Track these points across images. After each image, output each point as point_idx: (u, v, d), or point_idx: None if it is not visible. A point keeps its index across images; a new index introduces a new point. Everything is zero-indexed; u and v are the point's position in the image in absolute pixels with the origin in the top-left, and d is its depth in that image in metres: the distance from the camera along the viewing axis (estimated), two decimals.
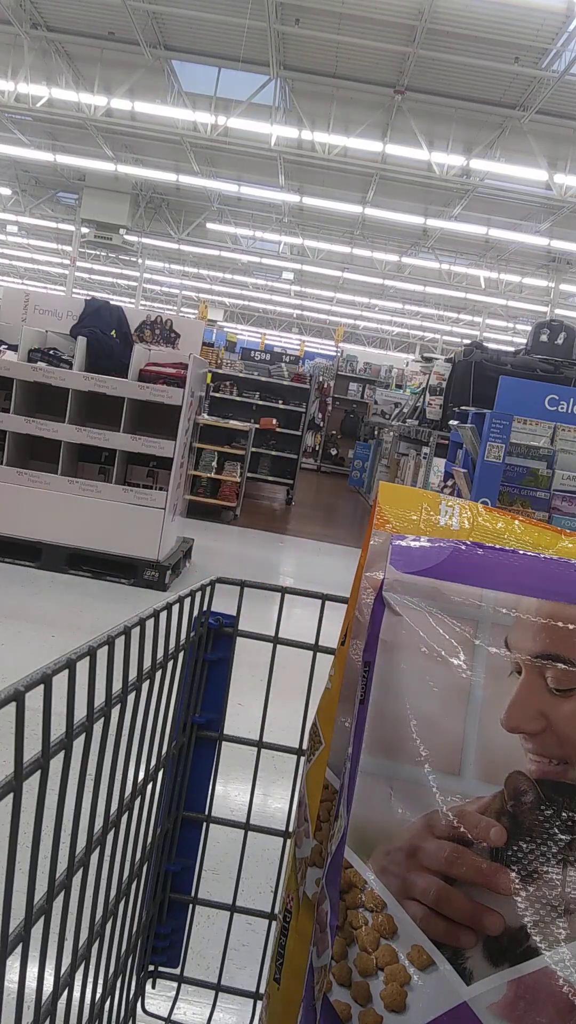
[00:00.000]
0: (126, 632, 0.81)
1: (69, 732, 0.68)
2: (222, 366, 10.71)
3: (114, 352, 5.08)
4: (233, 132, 12.12)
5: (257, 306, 29.03)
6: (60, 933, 0.74)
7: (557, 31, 8.94)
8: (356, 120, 11.70)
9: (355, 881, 0.62)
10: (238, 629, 1.10)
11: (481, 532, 0.72)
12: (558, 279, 17.42)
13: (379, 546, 0.70)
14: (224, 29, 10.15)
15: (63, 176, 16.88)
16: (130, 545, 4.78)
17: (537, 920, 0.57)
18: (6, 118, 13.66)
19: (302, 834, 0.81)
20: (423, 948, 0.59)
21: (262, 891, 1.88)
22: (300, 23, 9.59)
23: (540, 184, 12.26)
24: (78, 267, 20.11)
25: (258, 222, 18.25)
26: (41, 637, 3.67)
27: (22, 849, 1.55)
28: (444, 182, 12.40)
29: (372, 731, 0.62)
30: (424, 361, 10.38)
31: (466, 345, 7.92)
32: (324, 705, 0.81)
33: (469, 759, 0.60)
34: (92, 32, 11.07)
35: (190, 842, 1.15)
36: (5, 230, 21.15)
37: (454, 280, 19.26)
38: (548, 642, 0.60)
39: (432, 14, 8.82)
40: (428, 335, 27.52)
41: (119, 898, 0.92)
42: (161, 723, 0.98)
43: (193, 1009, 1.46)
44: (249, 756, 1.14)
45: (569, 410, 5.81)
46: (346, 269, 20.33)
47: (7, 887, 0.60)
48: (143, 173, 15.26)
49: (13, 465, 4.89)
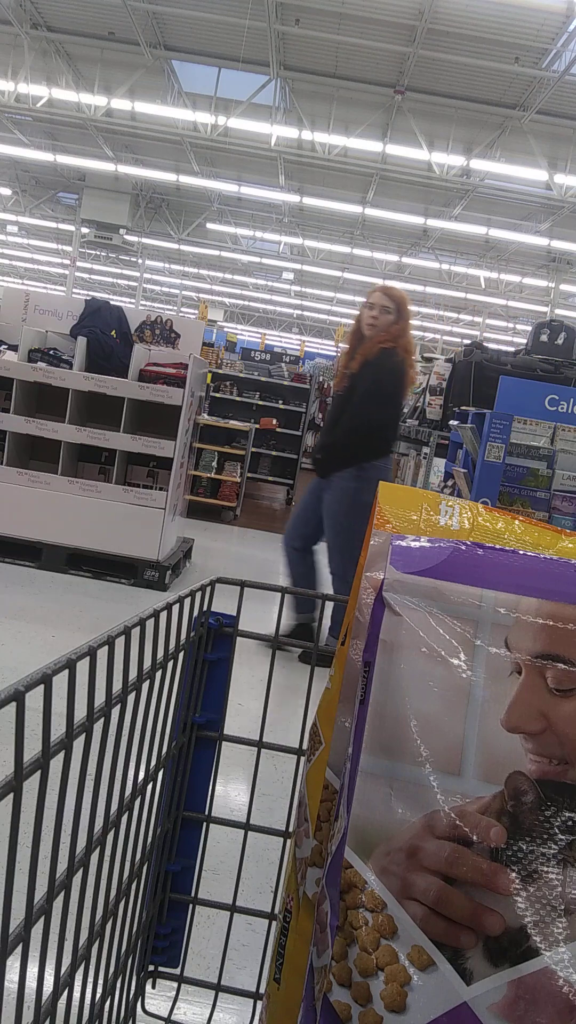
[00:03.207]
0: (126, 632, 0.81)
1: (69, 732, 0.68)
2: (222, 366, 10.71)
3: (114, 352, 5.08)
4: (233, 132, 12.12)
5: (257, 306, 29.03)
6: (60, 933, 0.74)
7: (557, 31, 8.94)
8: (356, 120, 11.70)
9: (355, 881, 0.62)
10: (238, 629, 1.10)
11: (481, 532, 0.72)
12: (558, 279, 17.42)
13: (379, 546, 0.70)
14: (224, 29, 10.15)
15: (63, 176, 16.89)
16: (130, 545, 4.78)
17: (537, 920, 0.57)
18: (6, 118, 13.66)
19: (302, 834, 0.81)
20: (423, 948, 0.59)
21: (262, 891, 1.88)
22: (300, 23, 9.60)
23: (540, 184, 12.27)
24: (78, 267, 20.11)
25: (258, 222, 18.25)
26: (41, 637, 3.67)
27: (22, 849, 1.55)
28: (444, 182, 12.41)
29: (372, 731, 0.62)
30: (424, 361, 10.38)
31: (466, 345, 7.92)
32: (324, 705, 0.81)
33: (469, 759, 0.60)
34: (92, 32, 11.08)
35: (190, 842, 1.15)
36: (5, 230, 21.15)
37: (454, 280, 19.26)
38: (548, 642, 0.60)
39: (432, 14, 8.82)
40: (428, 335, 27.53)
41: (119, 898, 0.92)
42: (161, 723, 0.98)
43: (193, 1009, 1.46)
44: (249, 756, 1.14)
45: (569, 410, 5.82)
46: (346, 269, 20.33)
47: (7, 887, 0.60)
48: (143, 173, 15.26)
49: (13, 465, 4.89)
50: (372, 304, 3.78)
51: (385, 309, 3.77)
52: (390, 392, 3.79)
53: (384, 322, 3.77)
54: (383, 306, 3.77)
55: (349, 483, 3.74)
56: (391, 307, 3.78)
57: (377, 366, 3.71)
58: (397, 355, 3.76)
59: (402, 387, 3.81)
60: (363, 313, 3.82)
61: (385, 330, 3.76)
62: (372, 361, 3.72)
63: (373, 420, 3.74)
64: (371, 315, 3.77)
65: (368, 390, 3.70)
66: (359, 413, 3.70)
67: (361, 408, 3.70)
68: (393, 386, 3.78)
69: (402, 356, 3.78)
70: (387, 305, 3.78)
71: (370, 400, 3.71)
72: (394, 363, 3.75)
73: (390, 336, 3.76)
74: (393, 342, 3.76)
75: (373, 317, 3.77)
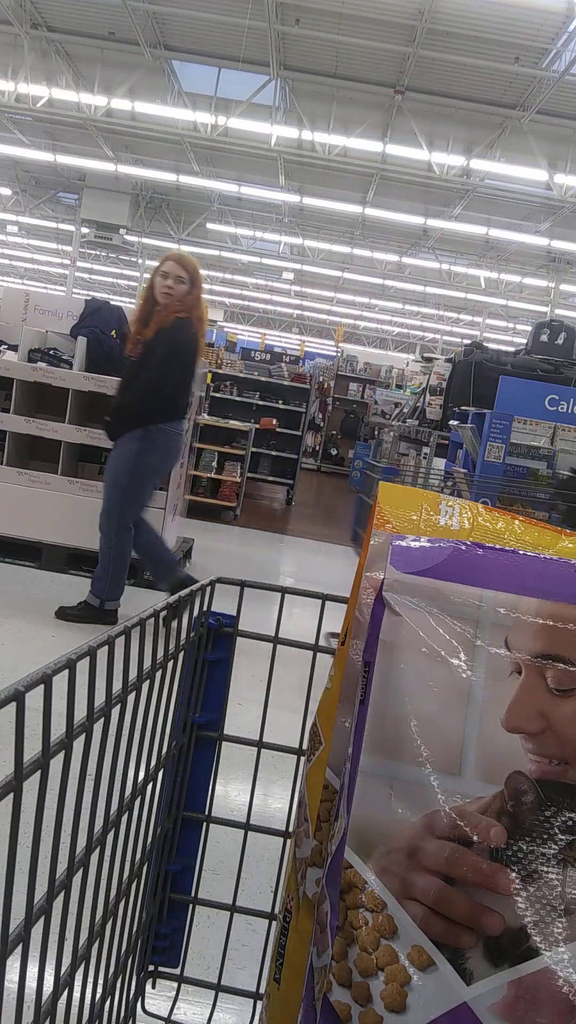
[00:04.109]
0: (126, 632, 0.81)
1: (69, 732, 0.68)
2: (222, 366, 10.71)
3: (114, 352, 5.08)
4: (233, 132, 12.12)
5: (257, 306, 29.03)
6: (60, 933, 0.74)
7: (557, 31, 8.94)
8: (356, 120, 11.70)
9: (355, 881, 0.62)
10: (238, 629, 1.10)
11: (481, 532, 0.72)
12: (558, 279, 17.42)
13: (379, 546, 0.70)
14: (224, 29, 10.15)
15: (63, 176, 16.88)
16: None
17: (537, 920, 0.57)
18: (6, 118, 13.66)
19: (302, 834, 0.81)
20: (423, 948, 0.59)
21: (262, 891, 1.88)
22: (300, 23, 9.59)
23: (540, 184, 12.27)
24: (78, 267, 20.10)
25: (258, 222, 18.25)
26: (41, 637, 3.67)
27: (22, 849, 1.55)
28: (444, 182, 12.41)
29: (372, 731, 0.62)
30: (424, 361, 10.38)
31: (466, 345, 7.92)
32: (324, 705, 0.81)
33: (469, 759, 0.60)
34: (92, 32, 11.08)
35: (190, 842, 1.15)
36: (5, 230, 21.15)
37: (454, 280, 19.26)
38: (548, 642, 0.60)
39: (432, 14, 8.82)
40: (428, 335, 27.52)
41: (119, 898, 0.92)
42: (161, 723, 0.98)
43: (193, 1009, 1.46)
44: (249, 756, 1.14)
45: (569, 410, 5.82)
46: (346, 269, 20.33)
47: (7, 887, 0.60)
48: (143, 173, 15.26)
49: (13, 465, 4.89)
50: (167, 273, 3.86)
51: (179, 279, 3.87)
52: (183, 360, 3.92)
53: (179, 292, 3.87)
54: (177, 276, 3.87)
55: (134, 443, 3.84)
56: (185, 277, 3.88)
57: (172, 335, 3.83)
58: (192, 325, 3.90)
59: (195, 356, 3.96)
60: (157, 281, 3.89)
61: (180, 300, 3.87)
62: (167, 329, 3.82)
63: (164, 385, 3.86)
64: (166, 284, 3.86)
65: (162, 358, 3.82)
66: (150, 377, 3.82)
67: (153, 373, 3.81)
68: (186, 355, 3.91)
69: (196, 327, 3.92)
70: (181, 275, 3.87)
71: (163, 366, 3.83)
72: (189, 333, 3.88)
73: (185, 306, 3.87)
74: (188, 312, 3.87)
75: (168, 287, 3.86)
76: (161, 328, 3.82)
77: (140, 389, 3.82)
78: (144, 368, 3.83)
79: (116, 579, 3.95)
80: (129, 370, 3.98)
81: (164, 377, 3.84)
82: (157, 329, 3.82)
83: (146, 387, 3.82)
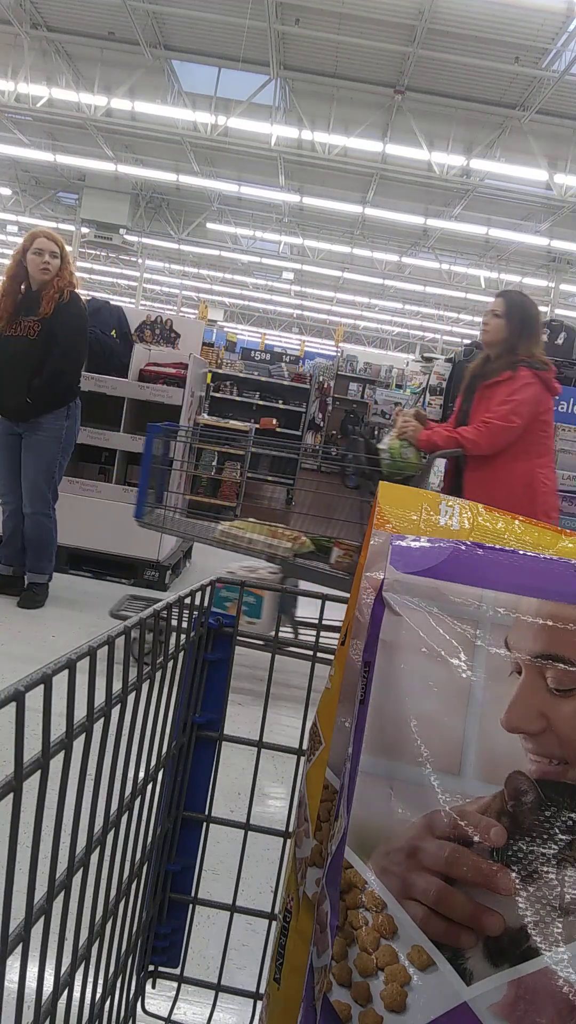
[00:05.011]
0: (126, 632, 0.81)
1: (69, 732, 0.68)
2: (222, 366, 10.71)
3: (114, 352, 5.08)
4: (233, 132, 12.11)
5: (257, 306, 29.02)
6: (60, 933, 0.74)
7: (557, 31, 8.94)
8: (356, 120, 11.69)
9: (355, 881, 0.62)
10: (238, 630, 1.10)
11: (481, 532, 0.72)
12: (558, 279, 17.41)
13: (379, 546, 0.70)
14: (224, 29, 10.15)
15: (63, 176, 16.88)
16: (130, 545, 4.78)
17: (537, 920, 0.57)
18: (6, 118, 13.66)
19: (302, 834, 0.81)
20: (423, 948, 0.59)
21: (262, 891, 1.88)
22: (300, 23, 9.59)
23: (540, 184, 12.26)
24: (78, 267, 20.09)
25: (258, 222, 18.24)
26: (41, 637, 3.67)
27: (22, 849, 1.55)
28: (444, 182, 12.40)
29: (372, 731, 0.62)
30: (424, 361, 10.38)
31: (466, 345, 7.92)
32: (324, 705, 0.81)
33: (469, 759, 0.60)
34: (92, 32, 11.07)
35: (190, 842, 1.15)
36: (5, 230, 21.13)
37: (454, 280, 19.25)
38: (548, 642, 0.60)
39: (432, 14, 8.82)
40: (428, 335, 27.51)
41: (119, 898, 0.92)
42: (161, 723, 0.98)
43: (193, 1009, 1.46)
44: (249, 756, 1.14)
45: (569, 410, 5.81)
46: (346, 269, 20.32)
47: (7, 887, 0.60)
48: (143, 173, 15.26)
49: None
50: (41, 250, 3.90)
51: (54, 254, 3.92)
52: (86, 332, 4.10)
53: (55, 267, 3.92)
54: (52, 251, 3.92)
55: (61, 422, 3.96)
56: (57, 252, 3.95)
57: (75, 312, 3.95)
58: (80, 298, 4.04)
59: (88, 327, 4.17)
60: (31, 259, 3.90)
61: (59, 274, 3.93)
62: (69, 307, 3.92)
63: (81, 360, 4.03)
64: (43, 261, 3.89)
65: (74, 334, 3.94)
66: (68, 354, 3.92)
67: (71, 349, 3.93)
68: (86, 327, 4.12)
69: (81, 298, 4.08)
70: (55, 250, 3.93)
71: (78, 342, 3.98)
72: (83, 306, 4.05)
73: (66, 280, 3.96)
74: (72, 285, 3.98)
75: (46, 263, 3.89)
76: (62, 305, 3.89)
77: (59, 366, 3.90)
78: (56, 346, 3.88)
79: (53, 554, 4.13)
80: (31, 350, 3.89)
81: (81, 352, 4.02)
82: (56, 307, 3.88)
83: (66, 364, 3.91)
